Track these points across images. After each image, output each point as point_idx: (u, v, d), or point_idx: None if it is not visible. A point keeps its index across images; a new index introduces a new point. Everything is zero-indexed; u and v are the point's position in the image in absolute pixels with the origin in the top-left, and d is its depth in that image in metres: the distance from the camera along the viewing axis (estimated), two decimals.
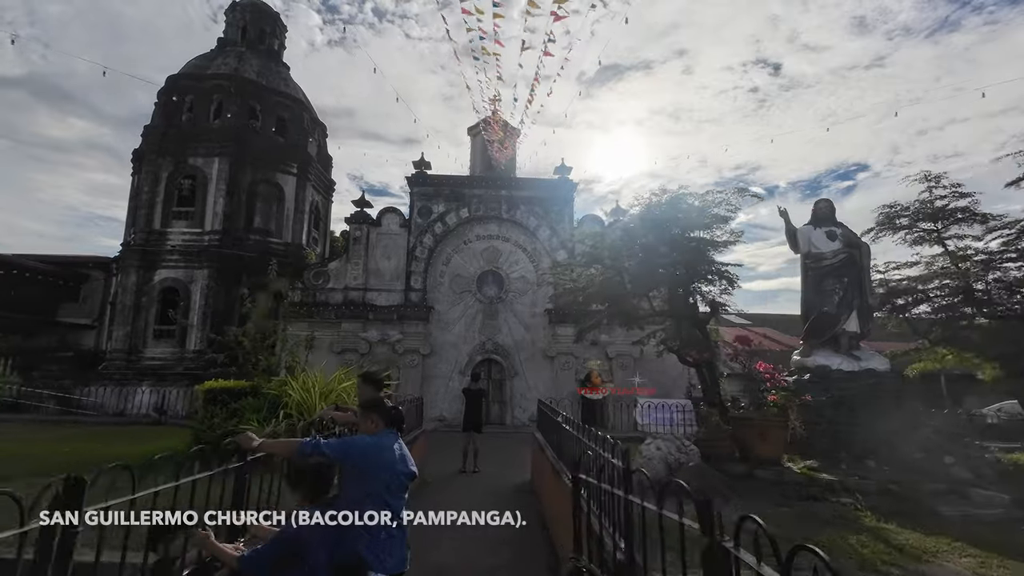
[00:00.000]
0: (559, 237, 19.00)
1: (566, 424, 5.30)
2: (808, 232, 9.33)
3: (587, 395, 16.95)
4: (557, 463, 5.66)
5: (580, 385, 18.12)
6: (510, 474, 9.52)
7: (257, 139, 22.04)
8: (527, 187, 19.43)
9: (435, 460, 10.24)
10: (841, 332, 8.84)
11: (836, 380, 8.18)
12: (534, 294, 18.86)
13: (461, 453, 9.79)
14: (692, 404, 17.98)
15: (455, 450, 11.00)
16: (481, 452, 9.92)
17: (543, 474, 7.20)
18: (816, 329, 9.13)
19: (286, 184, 22.52)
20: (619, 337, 18.21)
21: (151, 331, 19.24)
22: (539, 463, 7.79)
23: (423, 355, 17.97)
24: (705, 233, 9.25)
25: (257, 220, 21.49)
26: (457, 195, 19.31)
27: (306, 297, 18.53)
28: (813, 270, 9.21)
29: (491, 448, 11.49)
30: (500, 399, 18.18)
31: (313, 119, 25.93)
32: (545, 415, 7.99)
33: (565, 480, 4.91)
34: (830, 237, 9.07)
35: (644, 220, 9.61)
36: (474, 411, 9.97)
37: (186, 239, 20.13)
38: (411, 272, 18.61)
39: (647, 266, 9.43)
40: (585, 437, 4.41)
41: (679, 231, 9.15)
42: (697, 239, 9.19)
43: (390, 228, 19.22)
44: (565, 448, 5.45)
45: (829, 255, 9.01)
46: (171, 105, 21.95)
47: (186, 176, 20.87)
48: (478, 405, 10.15)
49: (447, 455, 10.37)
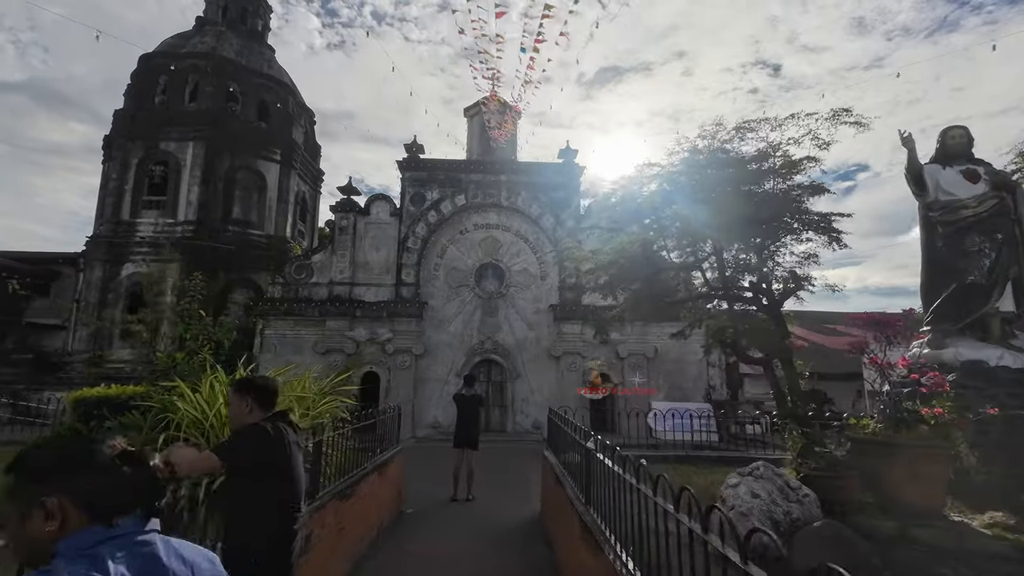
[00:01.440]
0: (565, 226, 17.34)
1: (604, 456, 3.62)
2: (935, 172, 6.60)
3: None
4: (587, 514, 3.97)
5: (590, 385, 16.49)
6: (513, 505, 7.75)
7: (236, 123, 20.37)
8: (529, 172, 17.77)
9: (421, 479, 8.56)
10: (992, 312, 6.11)
11: (1003, 382, 5.55)
12: (537, 288, 17.21)
13: (451, 475, 8.00)
14: (712, 409, 16.38)
15: (448, 464, 9.36)
16: (477, 474, 8.12)
17: (559, 514, 5.51)
18: (952, 308, 6.29)
19: (268, 172, 20.84)
20: (632, 335, 16.55)
21: (117, 331, 17.56)
22: (553, 497, 6.08)
23: (416, 355, 16.31)
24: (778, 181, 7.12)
25: (236, 210, 19.81)
26: (453, 181, 17.65)
27: (287, 293, 16.86)
28: (945, 225, 6.49)
29: (490, 463, 9.83)
30: (501, 403, 16.54)
31: (299, 104, 24.25)
32: (560, 432, 6.31)
33: (602, 548, 3.25)
34: (970, 178, 6.38)
35: (694, 166, 7.42)
36: (468, 422, 8.06)
37: (157, 230, 18.46)
38: (402, 265, 16.95)
39: (702, 224, 7.26)
40: (640, 481, 2.77)
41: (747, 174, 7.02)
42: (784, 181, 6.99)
43: (379, 217, 17.56)
44: (598, 491, 3.78)
45: (972, 202, 6.28)
46: (143, 86, 20.27)
47: (158, 162, 19.20)
48: (473, 415, 8.20)
49: (438, 472, 8.70)
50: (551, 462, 6.53)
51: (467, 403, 8.19)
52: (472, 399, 8.29)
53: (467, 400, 8.22)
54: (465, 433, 7.97)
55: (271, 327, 16.58)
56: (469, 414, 8.10)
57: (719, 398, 16.28)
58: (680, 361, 16.59)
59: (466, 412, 8.10)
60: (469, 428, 8.00)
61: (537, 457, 10.51)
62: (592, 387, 16.02)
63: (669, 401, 16.31)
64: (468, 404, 8.19)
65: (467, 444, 7.92)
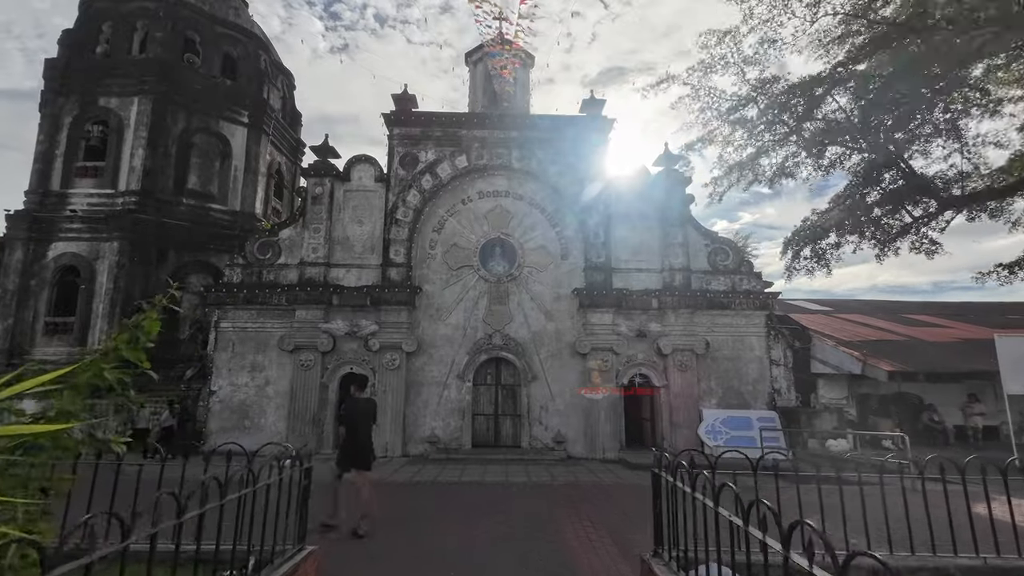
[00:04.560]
0: (591, 193, 14.06)
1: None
2: None
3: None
4: None
5: (625, 388, 13.33)
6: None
7: (194, 77, 17.07)
8: (546, 126, 14.47)
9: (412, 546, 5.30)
10: None
11: None
12: (557, 269, 13.96)
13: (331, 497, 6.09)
14: (777, 417, 13.14)
15: (448, 507, 6.16)
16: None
17: None
18: None
19: (233, 136, 17.56)
20: (676, 325, 13.34)
21: (41, 324, 14.32)
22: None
23: (407, 353, 13.08)
24: None
25: (192, 180, 16.54)
26: (452, 138, 14.37)
27: (249, 277, 13.62)
28: None
29: (490, 500, 6.64)
30: (513, 412, 13.32)
31: (275, 64, 20.92)
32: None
33: None
34: None
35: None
36: (357, 436, 6.27)
37: (93, 202, 15.19)
38: (391, 241, 13.69)
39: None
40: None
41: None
42: None
43: (362, 183, 14.29)
44: None
45: None
46: (82, 33, 16.96)
47: (96, 121, 15.91)
48: (364, 427, 6.34)
49: (422, 531, 5.50)
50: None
51: (361, 412, 6.39)
52: (365, 406, 6.55)
53: (361, 408, 6.43)
54: (354, 449, 6.21)
55: (228, 319, 13.36)
56: (362, 425, 6.30)
57: (786, 404, 13.06)
58: (736, 359, 13.37)
59: (356, 421, 6.31)
60: (359, 443, 6.25)
61: (564, 497, 7.31)
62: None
63: (724, 409, 13.10)
64: (362, 414, 6.39)
65: (355, 462, 6.17)
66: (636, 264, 13.91)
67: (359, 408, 6.45)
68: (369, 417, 6.49)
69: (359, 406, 6.49)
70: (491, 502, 7.21)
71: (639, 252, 14.00)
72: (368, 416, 6.48)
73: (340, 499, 6.09)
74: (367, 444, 6.31)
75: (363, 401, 6.64)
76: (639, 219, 14.17)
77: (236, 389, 13.03)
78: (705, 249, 14.10)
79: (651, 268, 13.87)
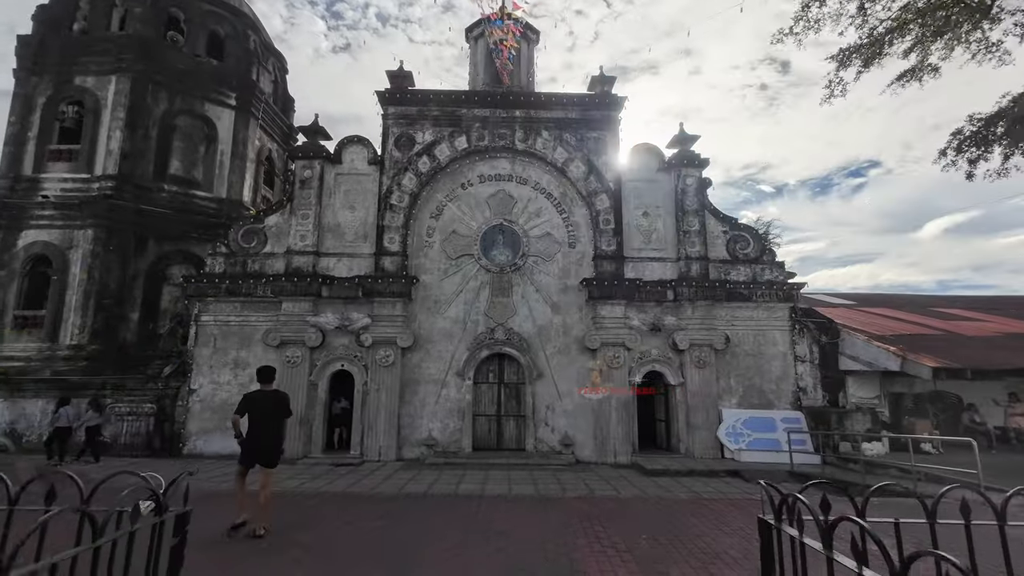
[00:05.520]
0: (600, 176, 13.07)
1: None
2: None
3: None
4: None
5: (639, 387, 12.39)
6: None
7: (177, 56, 16.05)
8: (552, 105, 13.45)
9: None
10: None
11: None
12: (565, 259, 12.97)
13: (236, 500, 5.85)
14: (804, 418, 12.14)
15: (441, 528, 5.20)
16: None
17: None
18: None
19: (220, 119, 16.54)
20: (694, 319, 12.35)
21: (10, 317, 13.33)
22: None
23: (403, 348, 12.11)
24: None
25: (175, 165, 15.53)
26: (452, 118, 13.37)
27: (232, 267, 12.64)
28: None
29: (486, 520, 5.62)
30: (517, 412, 12.34)
31: (266, 45, 19.90)
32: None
33: None
34: None
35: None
36: (263, 430, 5.92)
37: (67, 188, 14.18)
38: (385, 228, 12.71)
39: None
40: None
41: None
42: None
43: (355, 166, 13.29)
44: None
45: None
46: (58, 9, 15.93)
47: (71, 101, 14.90)
48: (274, 422, 6.01)
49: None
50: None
51: (265, 405, 5.99)
52: (274, 400, 6.09)
53: (264, 401, 6.03)
54: (257, 444, 5.86)
55: (209, 312, 12.38)
56: (266, 420, 5.95)
57: (812, 403, 12.07)
58: (758, 355, 12.38)
59: (261, 417, 5.93)
60: (263, 438, 5.89)
61: (578, 514, 6.29)
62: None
63: (746, 408, 12.12)
64: (266, 407, 5.98)
65: (261, 460, 5.88)
66: (649, 253, 12.92)
67: (265, 401, 6.02)
68: (278, 412, 6.07)
69: (262, 399, 6.05)
70: (493, 521, 6.23)
71: (653, 240, 13.00)
72: (276, 411, 6.05)
73: (246, 496, 5.85)
74: (273, 441, 6.01)
75: (269, 393, 6.16)
76: (652, 204, 13.18)
77: (218, 387, 12.05)
78: (723, 236, 13.10)
79: (666, 257, 12.88)
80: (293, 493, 8.04)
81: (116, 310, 13.54)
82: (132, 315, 13.92)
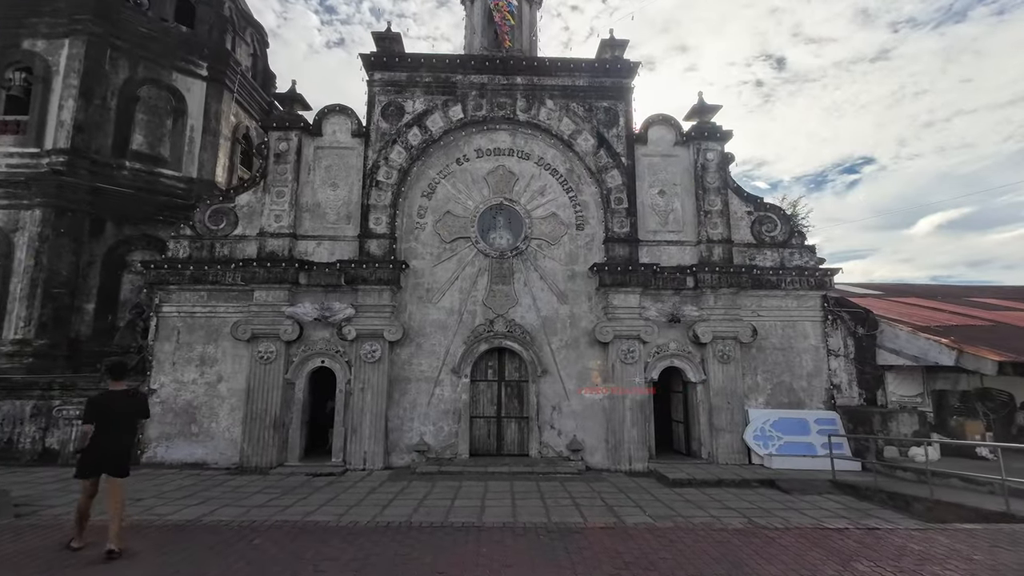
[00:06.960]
0: (612, 150, 11.72)
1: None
2: None
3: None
4: None
5: (649, 386, 11.13)
6: None
7: (140, 19, 14.45)
8: (558, 71, 12.05)
9: None
10: None
11: None
12: (572, 242, 11.64)
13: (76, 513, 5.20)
14: (839, 418, 10.90)
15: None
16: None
17: None
18: None
19: (189, 91, 14.99)
20: (716, 309, 11.08)
21: None
22: None
23: (390, 342, 10.75)
24: None
25: (138, 140, 13.99)
26: (445, 85, 11.95)
27: (198, 251, 11.21)
28: None
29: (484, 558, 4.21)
30: (520, 414, 11.04)
31: (243, 13, 18.31)
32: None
33: None
34: None
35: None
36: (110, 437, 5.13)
37: (12, 163, 12.63)
38: (370, 207, 11.30)
39: None
40: None
41: None
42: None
43: (337, 139, 11.86)
44: None
45: None
46: None
47: (19, 67, 13.31)
48: (122, 427, 5.30)
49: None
50: None
51: (118, 409, 5.25)
52: (128, 401, 5.38)
53: (116, 404, 5.25)
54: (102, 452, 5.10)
55: (172, 302, 10.95)
56: (118, 425, 5.23)
57: (848, 402, 10.86)
58: (787, 348, 11.15)
59: (112, 423, 5.17)
60: (111, 444, 5.15)
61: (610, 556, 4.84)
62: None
63: (775, 408, 10.90)
64: (121, 411, 5.27)
65: (110, 469, 5.15)
66: (666, 235, 11.61)
67: (117, 404, 5.25)
68: (132, 415, 5.43)
69: (113, 402, 5.26)
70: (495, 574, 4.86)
71: (670, 221, 11.69)
72: (129, 414, 5.38)
73: (86, 516, 5.18)
74: (124, 447, 5.36)
75: (120, 395, 5.35)
76: (669, 182, 11.86)
77: (181, 387, 10.65)
78: (748, 218, 11.82)
79: (685, 240, 11.58)
80: (227, 526, 6.14)
81: (67, 300, 12.05)
82: (87, 306, 12.43)
